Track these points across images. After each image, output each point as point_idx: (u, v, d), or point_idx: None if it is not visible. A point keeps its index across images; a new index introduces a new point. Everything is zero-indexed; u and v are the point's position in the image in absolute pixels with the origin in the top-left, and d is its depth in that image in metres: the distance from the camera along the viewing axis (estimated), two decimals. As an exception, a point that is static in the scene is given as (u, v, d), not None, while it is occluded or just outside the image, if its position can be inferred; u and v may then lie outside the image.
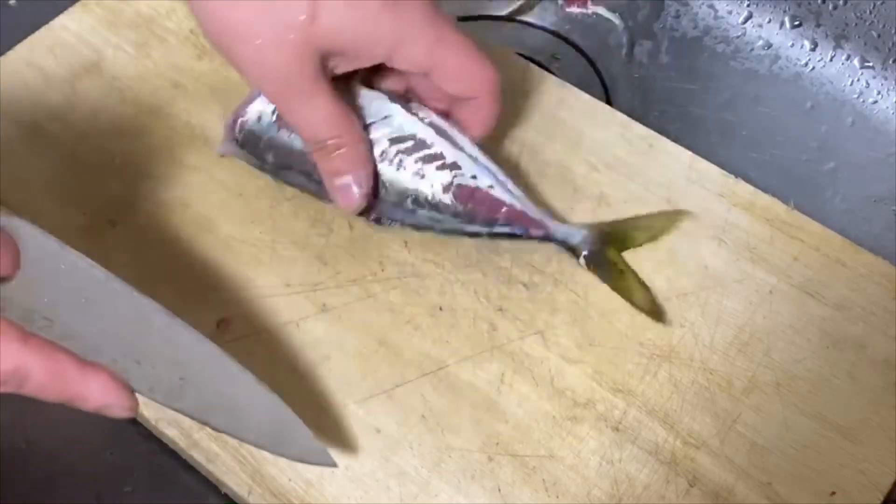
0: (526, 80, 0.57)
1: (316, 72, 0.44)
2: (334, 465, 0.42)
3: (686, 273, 0.50)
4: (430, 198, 0.48)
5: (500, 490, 0.44)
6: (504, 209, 0.48)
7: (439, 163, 0.48)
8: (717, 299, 0.49)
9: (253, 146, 0.50)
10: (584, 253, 0.49)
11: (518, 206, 0.49)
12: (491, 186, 0.48)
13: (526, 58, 0.60)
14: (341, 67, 0.46)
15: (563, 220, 0.50)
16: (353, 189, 0.48)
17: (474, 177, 0.48)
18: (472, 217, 0.48)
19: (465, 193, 0.48)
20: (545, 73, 0.58)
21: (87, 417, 0.47)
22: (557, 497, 0.44)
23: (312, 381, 0.46)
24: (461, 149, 0.49)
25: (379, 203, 0.49)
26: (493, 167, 0.49)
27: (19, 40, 0.57)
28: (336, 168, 0.47)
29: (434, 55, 0.46)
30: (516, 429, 0.45)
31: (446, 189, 0.48)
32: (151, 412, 0.45)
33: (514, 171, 0.51)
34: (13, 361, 0.35)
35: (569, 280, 0.50)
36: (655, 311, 0.48)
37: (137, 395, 0.38)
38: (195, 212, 0.51)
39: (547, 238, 0.49)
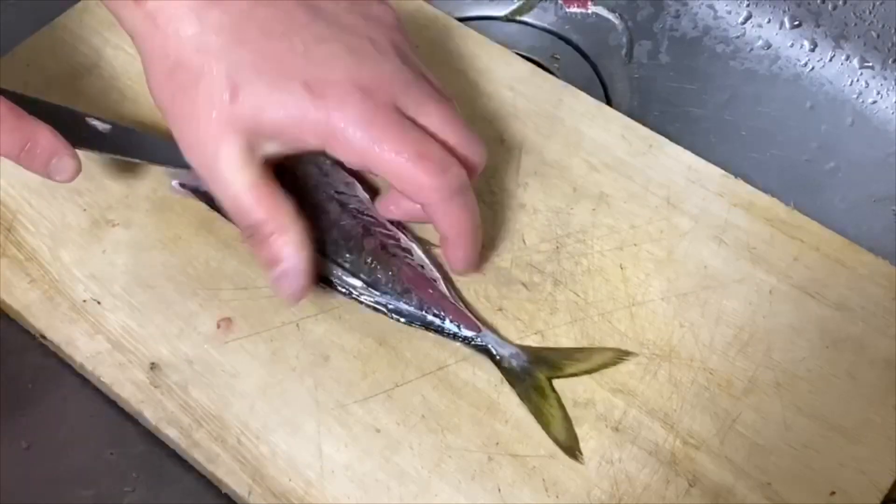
0: (525, 80, 0.57)
1: (242, 152, 0.43)
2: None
3: (686, 273, 0.50)
4: (371, 268, 0.48)
5: (499, 490, 0.44)
6: (442, 301, 0.47)
7: (392, 242, 0.48)
8: (717, 299, 0.49)
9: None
10: (506, 366, 0.47)
11: (457, 305, 0.48)
12: (436, 280, 0.48)
13: (526, 58, 0.60)
14: (276, 150, 0.44)
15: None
16: (287, 279, 0.45)
17: (422, 266, 0.48)
18: (408, 297, 0.47)
19: (408, 275, 0.48)
20: (545, 73, 0.58)
21: (87, 418, 0.47)
22: (557, 497, 0.44)
23: (312, 381, 0.46)
24: (416, 241, 0.49)
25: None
26: (442, 272, 0.49)
27: (20, 41, 0.57)
28: (266, 257, 0.44)
29: (366, 156, 0.43)
30: (516, 429, 0.45)
31: (390, 264, 0.48)
32: (151, 412, 0.45)
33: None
34: None
35: (569, 280, 0.50)
36: (570, 446, 0.45)
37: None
38: (195, 212, 0.51)
39: (476, 340, 0.47)
